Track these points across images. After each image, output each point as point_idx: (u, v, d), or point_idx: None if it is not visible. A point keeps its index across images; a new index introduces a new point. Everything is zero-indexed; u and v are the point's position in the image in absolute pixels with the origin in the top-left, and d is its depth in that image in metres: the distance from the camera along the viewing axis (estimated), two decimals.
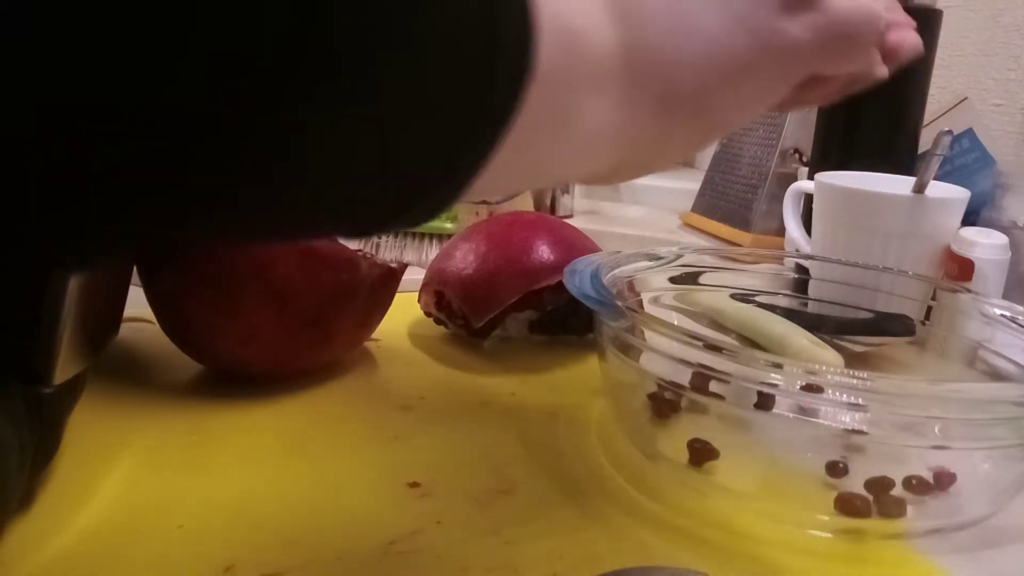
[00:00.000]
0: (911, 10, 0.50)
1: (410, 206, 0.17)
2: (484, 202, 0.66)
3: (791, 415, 0.27)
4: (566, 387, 0.39)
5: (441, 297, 0.43)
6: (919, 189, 0.44)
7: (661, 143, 0.23)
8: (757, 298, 0.44)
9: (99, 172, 0.13)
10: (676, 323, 0.38)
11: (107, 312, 0.29)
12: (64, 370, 0.25)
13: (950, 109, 0.58)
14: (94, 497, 0.27)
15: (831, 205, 0.47)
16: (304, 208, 0.16)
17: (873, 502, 0.27)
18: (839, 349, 0.40)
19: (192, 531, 0.25)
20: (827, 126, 0.55)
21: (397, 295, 0.40)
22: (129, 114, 0.12)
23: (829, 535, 0.27)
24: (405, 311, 0.47)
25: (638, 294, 0.39)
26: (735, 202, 0.70)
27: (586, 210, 0.82)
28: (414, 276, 0.46)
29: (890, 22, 0.28)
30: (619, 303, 0.30)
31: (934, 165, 0.43)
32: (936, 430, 0.27)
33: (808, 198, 0.53)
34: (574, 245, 0.43)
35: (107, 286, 0.28)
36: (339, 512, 0.27)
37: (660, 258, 0.40)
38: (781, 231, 0.59)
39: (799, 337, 0.40)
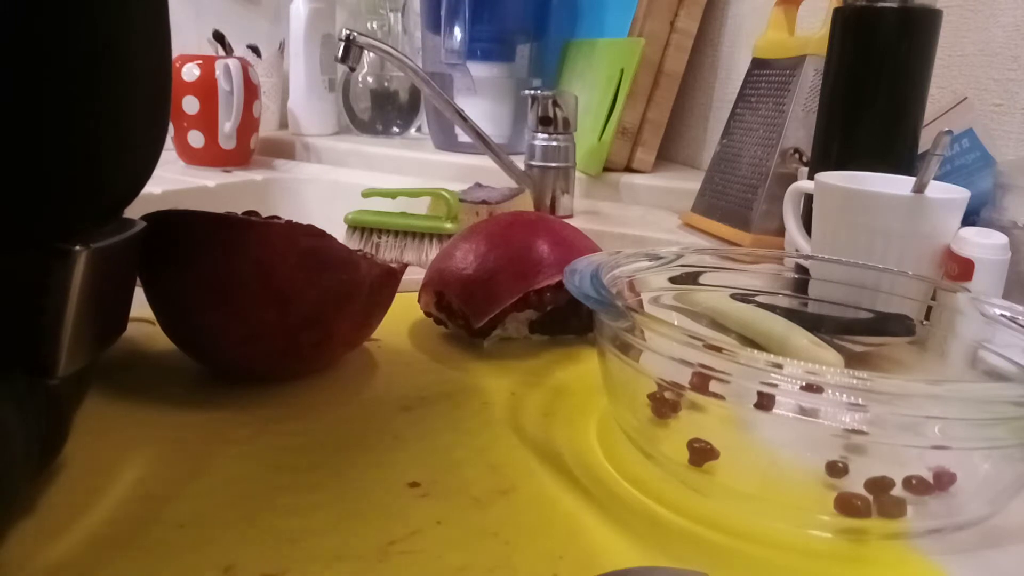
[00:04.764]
0: (911, 10, 0.50)
1: None
2: (484, 202, 0.66)
3: (791, 415, 0.27)
4: (566, 387, 0.39)
5: (441, 297, 0.43)
6: (919, 189, 0.44)
7: None
8: (757, 298, 0.44)
9: None
10: (676, 323, 0.38)
11: (113, 308, 0.30)
12: (69, 362, 0.25)
13: (950, 109, 0.58)
14: (95, 497, 0.27)
15: (831, 205, 0.47)
16: None
17: (873, 502, 0.27)
18: (839, 349, 0.40)
19: (192, 531, 0.25)
20: (827, 126, 0.55)
21: (397, 295, 0.40)
22: None
23: (829, 535, 0.27)
24: (405, 311, 0.47)
25: (638, 294, 0.39)
26: (735, 202, 0.70)
27: (586, 210, 0.82)
28: (414, 276, 0.46)
29: None
30: (619, 303, 0.30)
31: (934, 165, 0.43)
32: (936, 430, 0.27)
33: (808, 198, 0.53)
34: (574, 245, 0.43)
35: (112, 281, 0.28)
36: (339, 512, 0.27)
37: (660, 258, 0.40)
38: (781, 231, 0.59)
39: (799, 337, 0.40)
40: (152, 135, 0.28)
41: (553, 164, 0.78)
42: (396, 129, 1.19)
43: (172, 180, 0.90)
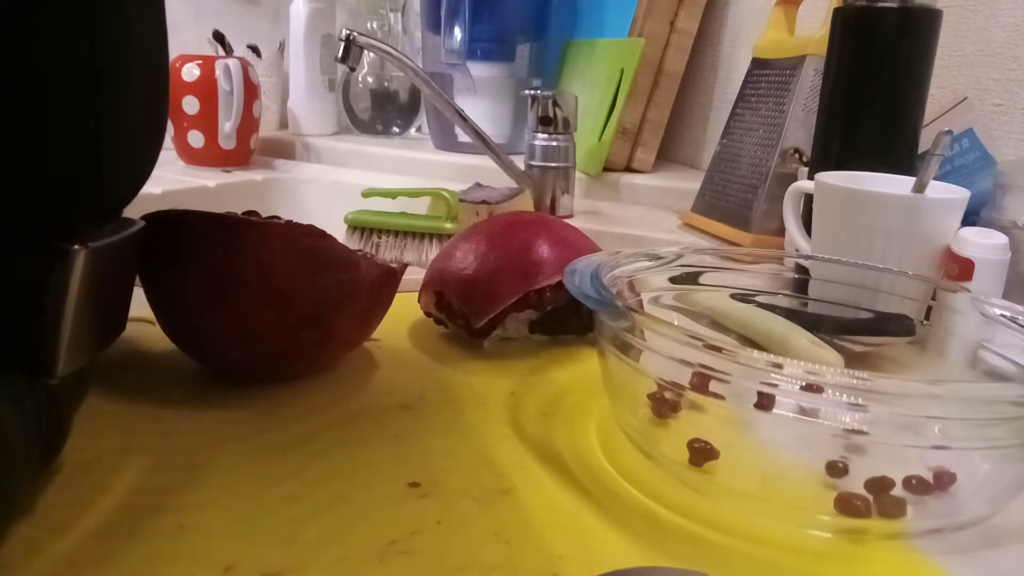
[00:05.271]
0: (911, 10, 0.50)
1: None
2: (484, 202, 0.66)
3: (791, 415, 0.27)
4: (566, 387, 0.39)
5: (441, 297, 0.43)
6: (919, 189, 0.44)
7: None
8: (757, 298, 0.44)
9: None
10: (676, 323, 0.38)
11: (112, 308, 0.30)
12: (68, 362, 0.25)
13: (950, 109, 0.58)
14: (95, 497, 0.27)
15: (831, 205, 0.47)
16: None
17: (873, 502, 0.27)
18: (839, 349, 0.40)
19: (192, 531, 0.25)
20: (827, 126, 0.55)
21: (397, 295, 0.40)
22: None
23: (829, 535, 0.27)
24: (405, 311, 0.47)
25: (638, 294, 0.39)
26: (735, 202, 0.70)
27: (586, 210, 0.82)
28: (414, 276, 0.47)
29: None
30: (619, 303, 0.30)
31: (934, 165, 0.43)
32: (936, 430, 0.27)
33: (808, 198, 0.53)
34: (574, 245, 0.43)
35: (112, 281, 0.28)
36: (339, 512, 0.27)
37: (660, 258, 0.40)
38: (781, 231, 0.59)
39: (799, 337, 0.40)
40: (152, 135, 0.28)
41: (553, 164, 0.78)
42: (396, 129, 1.19)
43: (172, 180, 0.90)
